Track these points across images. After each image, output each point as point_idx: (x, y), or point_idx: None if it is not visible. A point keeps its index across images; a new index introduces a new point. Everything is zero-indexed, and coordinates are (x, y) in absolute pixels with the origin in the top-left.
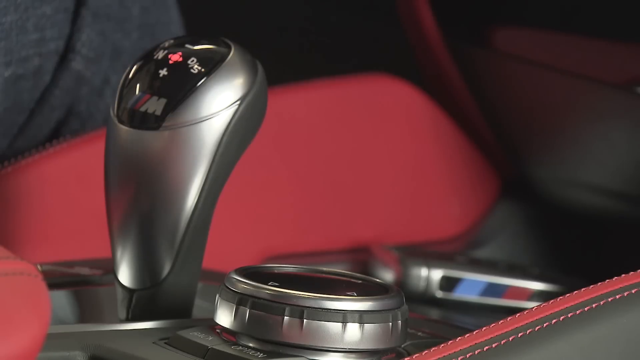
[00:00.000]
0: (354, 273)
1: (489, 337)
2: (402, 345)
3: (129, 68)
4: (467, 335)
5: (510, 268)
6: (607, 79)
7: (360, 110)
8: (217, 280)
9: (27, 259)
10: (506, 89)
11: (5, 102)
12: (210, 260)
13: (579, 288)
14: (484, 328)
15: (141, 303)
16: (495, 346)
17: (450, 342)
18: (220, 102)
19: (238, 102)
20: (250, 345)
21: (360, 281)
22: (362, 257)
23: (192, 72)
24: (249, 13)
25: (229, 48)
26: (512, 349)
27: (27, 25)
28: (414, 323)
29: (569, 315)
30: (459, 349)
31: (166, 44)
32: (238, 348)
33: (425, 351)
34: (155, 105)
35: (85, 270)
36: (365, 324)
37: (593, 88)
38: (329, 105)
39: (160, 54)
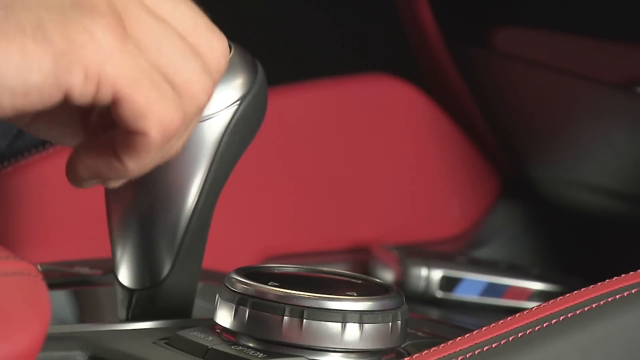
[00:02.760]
0: (354, 273)
1: (489, 337)
2: (402, 345)
3: None
4: (467, 335)
5: (510, 268)
6: (607, 79)
7: (360, 110)
8: (217, 280)
9: (27, 259)
10: (506, 89)
11: None
12: (210, 260)
13: (579, 288)
14: (484, 328)
15: (141, 303)
16: (495, 346)
17: (450, 342)
18: (220, 102)
19: (238, 102)
20: (250, 345)
21: (360, 281)
22: (362, 257)
23: None
24: (249, 13)
25: (229, 48)
26: (512, 349)
27: None
28: (414, 323)
29: (569, 315)
30: (459, 349)
31: None
32: (238, 348)
33: (425, 351)
34: None
35: (85, 270)
36: (365, 324)
37: (593, 88)
38: (329, 105)
39: None
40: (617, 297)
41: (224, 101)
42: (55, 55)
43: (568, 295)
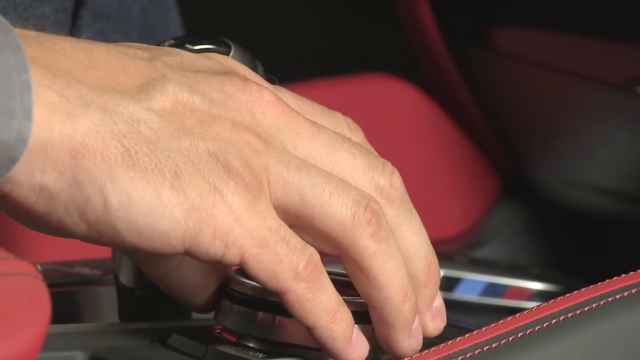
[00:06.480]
0: None
1: (489, 337)
2: None
3: None
4: (467, 335)
5: (510, 268)
6: (607, 79)
7: (360, 110)
8: None
9: (27, 259)
10: (506, 89)
11: None
12: None
13: (579, 288)
14: (484, 328)
15: (141, 303)
16: (495, 346)
17: (450, 342)
18: None
19: None
20: (250, 345)
21: None
22: None
23: None
24: (249, 13)
25: (229, 48)
26: (512, 349)
27: (26, 25)
28: None
29: (569, 315)
30: (459, 349)
31: (166, 44)
32: (238, 348)
33: (425, 351)
34: None
35: (85, 270)
36: (367, 324)
37: (593, 88)
38: (329, 105)
39: None
40: (617, 297)
41: None
42: (188, 209)
43: (568, 295)
